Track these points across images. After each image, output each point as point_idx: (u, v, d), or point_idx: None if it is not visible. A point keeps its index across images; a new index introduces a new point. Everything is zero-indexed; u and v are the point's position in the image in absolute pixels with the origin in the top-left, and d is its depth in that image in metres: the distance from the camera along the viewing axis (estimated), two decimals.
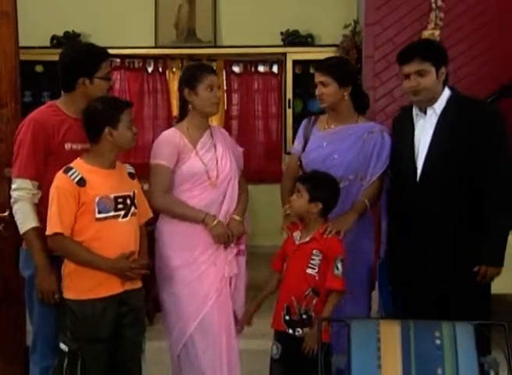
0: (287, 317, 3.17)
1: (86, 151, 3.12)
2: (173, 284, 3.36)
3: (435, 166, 3.23)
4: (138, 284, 3.15)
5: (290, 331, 3.16)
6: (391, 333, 2.76)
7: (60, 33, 7.76)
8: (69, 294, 3.03)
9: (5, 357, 3.66)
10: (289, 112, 7.93)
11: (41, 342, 3.22)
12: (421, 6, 6.06)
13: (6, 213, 3.45)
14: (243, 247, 3.47)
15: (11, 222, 3.43)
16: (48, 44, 7.77)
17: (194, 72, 3.45)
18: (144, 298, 3.23)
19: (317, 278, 3.17)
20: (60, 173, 2.99)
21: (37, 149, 3.11)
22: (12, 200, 3.14)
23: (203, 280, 3.34)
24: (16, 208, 3.13)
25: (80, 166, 3.02)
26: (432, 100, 3.27)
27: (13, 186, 3.13)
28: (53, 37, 7.78)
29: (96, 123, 3.02)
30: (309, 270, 3.18)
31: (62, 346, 3.01)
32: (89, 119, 3.05)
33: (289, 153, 7.46)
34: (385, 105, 6.22)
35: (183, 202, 3.36)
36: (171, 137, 3.40)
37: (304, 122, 3.68)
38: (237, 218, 3.41)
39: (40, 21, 7.45)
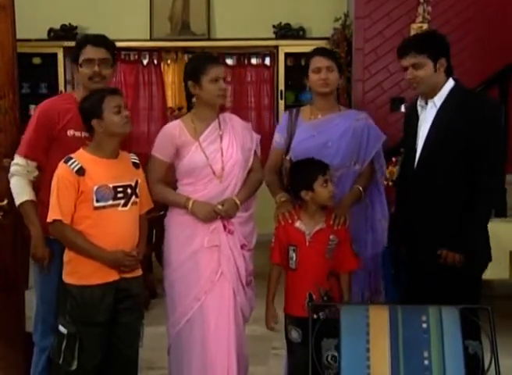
0: (310, 303, 3.18)
1: (88, 139, 3.18)
2: (172, 276, 3.39)
3: (430, 156, 3.25)
4: (138, 273, 3.20)
5: (315, 316, 3.11)
6: (380, 317, 2.83)
7: (57, 26, 7.83)
8: (70, 279, 3.09)
9: (5, 343, 3.68)
10: (282, 103, 7.99)
11: (41, 323, 3.32)
12: (410, 0, 6.17)
13: (5, 202, 3.49)
14: (232, 227, 3.35)
15: (10, 211, 3.50)
16: (45, 36, 7.83)
17: (198, 63, 3.36)
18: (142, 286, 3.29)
19: (332, 260, 3.28)
20: (61, 163, 3.06)
21: (39, 134, 3.24)
22: (9, 174, 3.28)
23: (200, 276, 3.31)
24: (12, 182, 3.27)
25: (80, 156, 3.08)
26: (433, 92, 3.26)
27: (13, 162, 3.29)
28: (50, 30, 7.85)
29: (85, 118, 3.11)
30: (327, 255, 3.27)
31: (61, 329, 3.07)
32: (81, 115, 3.13)
33: None
34: (375, 97, 6.32)
35: (172, 190, 3.40)
36: (169, 131, 3.39)
37: (286, 115, 3.66)
38: (235, 199, 3.33)
39: (38, 14, 7.51)
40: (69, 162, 3.04)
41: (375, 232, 3.60)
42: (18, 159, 3.27)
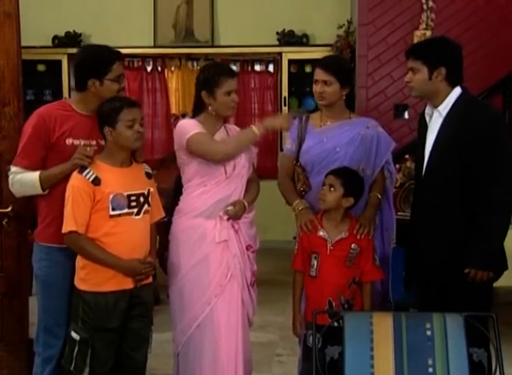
0: (330, 311, 3.18)
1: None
2: (181, 282, 3.39)
3: (437, 164, 3.26)
4: (149, 280, 3.21)
5: (335, 324, 3.02)
6: (384, 324, 2.81)
7: (61, 34, 7.86)
8: (83, 285, 3.07)
9: (8, 349, 3.70)
10: (285, 109, 8.00)
11: (44, 333, 3.26)
12: (413, 7, 6.18)
13: (9, 209, 3.51)
14: (237, 226, 3.39)
15: (14, 217, 3.53)
16: (49, 43, 7.87)
17: (214, 75, 3.36)
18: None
19: (354, 269, 3.27)
20: (75, 173, 3.04)
21: (36, 140, 3.15)
22: (10, 183, 3.20)
23: (210, 280, 3.33)
24: (15, 186, 3.18)
25: (94, 165, 3.06)
26: (435, 100, 3.27)
27: (11, 171, 3.20)
28: (54, 37, 7.89)
29: (99, 124, 3.09)
30: (347, 263, 3.27)
31: (74, 335, 3.05)
32: (97, 120, 3.11)
33: None
34: (378, 104, 6.32)
35: None
36: (190, 122, 3.42)
37: (296, 122, 3.65)
38: (244, 202, 3.40)
39: (42, 21, 7.55)
40: (85, 172, 3.03)
41: (381, 241, 3.58)
42: (15, 170, 3.18)
